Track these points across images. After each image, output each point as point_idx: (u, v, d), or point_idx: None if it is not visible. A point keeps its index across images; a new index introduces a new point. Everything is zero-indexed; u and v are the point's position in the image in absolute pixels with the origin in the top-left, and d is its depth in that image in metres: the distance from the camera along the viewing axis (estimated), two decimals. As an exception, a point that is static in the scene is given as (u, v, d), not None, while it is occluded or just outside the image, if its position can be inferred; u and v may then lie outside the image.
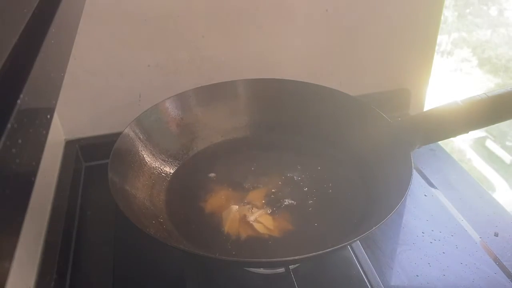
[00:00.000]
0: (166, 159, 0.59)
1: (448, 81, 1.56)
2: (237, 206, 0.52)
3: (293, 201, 0.54)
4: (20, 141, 0.17)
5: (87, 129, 0.72)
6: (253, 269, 0.51)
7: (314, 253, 0.39)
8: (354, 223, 0.50)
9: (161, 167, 0.58)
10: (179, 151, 0.61)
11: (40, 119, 0.20)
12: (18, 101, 0.17)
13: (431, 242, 0.55)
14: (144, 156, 0.56)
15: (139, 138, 0.56)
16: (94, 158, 0.72)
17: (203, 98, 0.64)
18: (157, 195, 0.55)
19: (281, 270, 0.50)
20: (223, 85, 0.65)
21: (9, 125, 0.16)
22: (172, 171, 0.59)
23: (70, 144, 0.71)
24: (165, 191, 0.56)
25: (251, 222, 0.50)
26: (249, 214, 0.51)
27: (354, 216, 0.51)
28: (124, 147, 0.53)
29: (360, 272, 0.50)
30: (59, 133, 0.71)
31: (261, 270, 0.51)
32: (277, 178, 0.58)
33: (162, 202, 0.54)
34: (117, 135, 0.53)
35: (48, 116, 0.21)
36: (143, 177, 0.54)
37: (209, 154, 0.63)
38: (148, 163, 0.56)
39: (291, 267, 0.48)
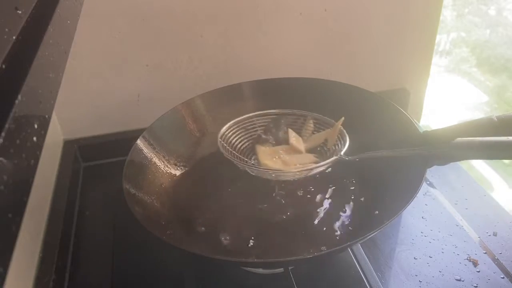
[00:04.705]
0: (176, 163, 0.59)
1: (447, 81, 1.56)
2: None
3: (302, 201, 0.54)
4: (18, 141, 0.17)
5: (85, 129, 0.72)
6: (251, 269, 0.51)
7: (313, 255, 0.39)
8: (355, 224, 0.50)
9: (170, 171, 0.58)
10: (188, 155, 0.61)
11: (38, 119, 0.20)
12: (16, 101, 0.17)
13: (430, 242, 0.55)
14: (155, 161, 0.56)
15: (151, 145, 0.56)
16: (93, 158, 0.72)
17: (211, 103, 0.63)
18: (165, 195, 0.55)
19: (280, 270, 0.50)
20: (231, 88, 0.64)
21: (7, 126, 0.16)
22: (180, 174, 0.59)
23: (68, 144, 0.71)
24: (173, 193, 0.56)
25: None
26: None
27: (356, 217, 0.51)
28: (137, 159, 0.54)
29: (359, 272, 0.50)
30: (57, 133, 0.71)
31: (260, 270, 0.51)
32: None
33: (170, 204, 0.54)
34: (116, 135, 0.53)
35: (46, 116, 0.21)
36: (153, 181, 0.54)
37: (220, 158, 0.62)
38: (158, 166, 0.57)
39: (289, 267, 0.48)
